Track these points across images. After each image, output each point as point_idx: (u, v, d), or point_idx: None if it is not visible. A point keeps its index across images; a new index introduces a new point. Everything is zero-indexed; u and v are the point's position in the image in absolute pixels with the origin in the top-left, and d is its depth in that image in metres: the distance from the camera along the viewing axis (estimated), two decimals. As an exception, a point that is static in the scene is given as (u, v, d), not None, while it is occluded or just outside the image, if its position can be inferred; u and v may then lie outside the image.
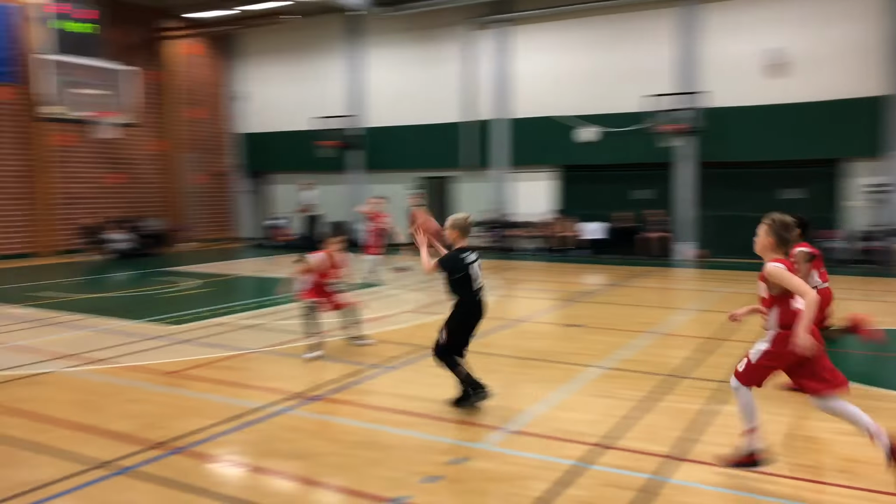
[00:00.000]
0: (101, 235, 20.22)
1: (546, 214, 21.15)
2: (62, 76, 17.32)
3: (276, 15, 22.17)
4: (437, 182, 23.37)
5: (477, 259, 6.37)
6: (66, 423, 5.92)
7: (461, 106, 22.18)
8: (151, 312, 11.10)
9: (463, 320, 6.32)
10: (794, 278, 4.50)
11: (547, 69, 21.10)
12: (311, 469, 4.97)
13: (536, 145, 21.27)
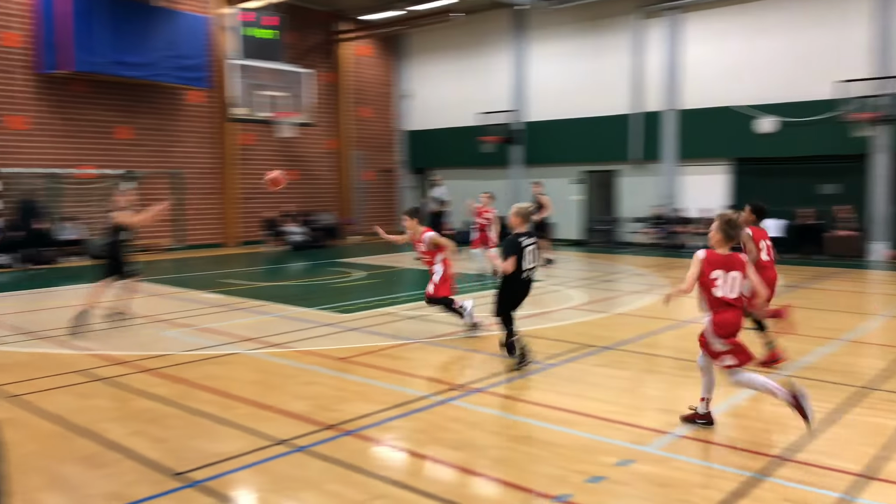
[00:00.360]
0: (278, 228, 21.68)
1: (717, 210, 20.06)
2: (247, 79, 18.72)
3: (443, 13, 22.63)
4: (601, 176, 22.88)
5: (532, 244, 7.28)
6: (249, 401, 6.38)
7: (627, 98, 21.54)
8: (323, 301, 11.73)
9: (510, 294, 7.37)
10: (692, 265, 5.52)
11: (720, 57, 19.99)
12: (471, 460, 5.01)
13: (708, 137, 20.22)
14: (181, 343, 8.75)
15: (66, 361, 7.86)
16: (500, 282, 7.38)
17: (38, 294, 13.13)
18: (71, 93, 18.43)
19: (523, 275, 7.22)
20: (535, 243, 7.28)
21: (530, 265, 7.23)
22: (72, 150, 18.54)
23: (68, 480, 4.70)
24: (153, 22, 18.81)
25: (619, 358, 7.93)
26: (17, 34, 17.40)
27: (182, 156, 20.87)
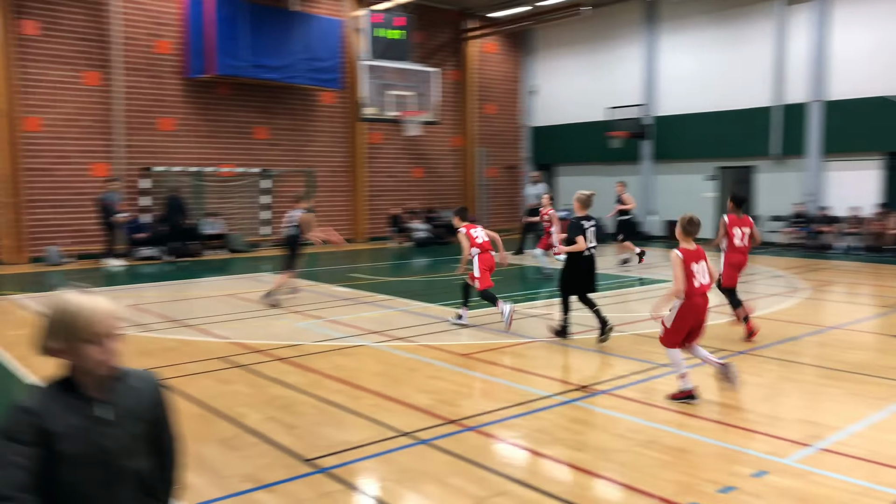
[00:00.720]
0: (403, 225, 22.15)
1: (869, 208, 18.60)
2: (377, 80, 19.24)
3: (573, 7, 22.28)
4: (736, 172, 21.80)
5: (593, 225, 8.49)
6: (374, 392, 6.55)
7: (767, 89, 20.36)
8: (446, 297, 11.87)
9: (575, 271, 8.48)
10: (675, 268, 6.23)
11: (873, 43, 18.50)
12: (593, 462, 4.90)
13: (858, 129, 18.78)
14: (312, 334, 9.12)
15: (208, 348, 8.38)
16: (566, 261, 8.53)
17: (183, 285, 14.08)
18: (215, 95, 19.64)
19: (586, 252, 8.40)
20: (595, 225, 8.53)
21: (592, 244, 8.41)
22: (214, 150, 19.76)
23: (209, 461, 5.00)
24: (290, 26, 19.71)
25: (755, 364, 7.52)
26: (168, 42, 18.74)
27: (315, 155, 21.75)
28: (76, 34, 17.35)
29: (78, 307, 2.08)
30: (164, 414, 2.37)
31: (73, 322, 2.06)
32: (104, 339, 2.08)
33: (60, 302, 2.09)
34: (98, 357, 2.08)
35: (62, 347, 2.07)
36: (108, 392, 2.16)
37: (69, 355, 2.09)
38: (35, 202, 17.03)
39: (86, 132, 17.63)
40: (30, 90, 16.79)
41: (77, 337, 2.06)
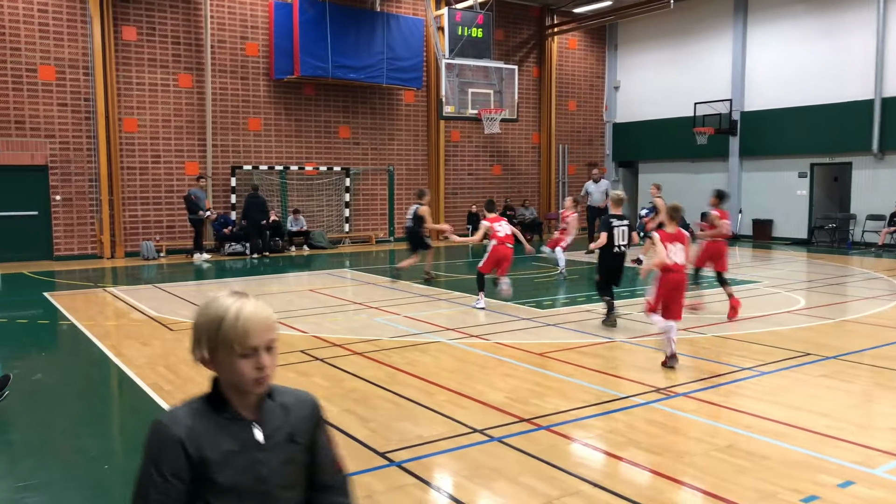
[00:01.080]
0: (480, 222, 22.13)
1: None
2: (457, 78, 19.32)
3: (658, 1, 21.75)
4: (829, 169, 20.85)
5: (623, 224, 9.11)
6: (448, 388, 6.60)
7: (868, 82, 19.30)
8: (522, 295, 11.82)
9: (605, 265, 9.18)
10: (657, 244, 7.53)
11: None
12: (670, 466, 4.80)
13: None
14: (389, 329, 9.26)
15: (289, 341, 8.63)
16: (598, 256, 9.31)
17: (268, 279, 14.54)
18: (300, 96, 20.17)
19: (615, 249, 9.08)
20: (626, 224, 9.14)
21: (622, 242, 9.07)
22: (298, 149, 20.30)
23: (287, 449, 5.15)
24: (373, 26, 20.05)
25: (845, 369, 7.18)
26: (256, 44, 19.37)
27: (395, 153, 22.05)
28: (171, 38, 18.16)
29: (230, 314, 1.78)
30: (324, 438, 2.07)
31: (224, 331, 1.77)
32: (259, 352, 1.79)
33: (212, 307, 1.81)
34: (251, 372, 1.79)
35: (211, 358, 1.81)
36: (260, 412, 1.86)
37: (218, 368, 1.82)
38: (131, 199, 17.94)
39: (178, 132, 18.44)
40: (128, 93, 17.69)
41: (228, 348, 1.77)
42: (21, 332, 9.45)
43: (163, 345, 8.45)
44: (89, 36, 17.00)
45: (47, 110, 16.74)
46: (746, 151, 22.19)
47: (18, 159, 16.49)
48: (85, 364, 7.95)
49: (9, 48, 16.17)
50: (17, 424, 5.83)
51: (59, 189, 17.05)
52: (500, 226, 10.96)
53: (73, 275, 14.75)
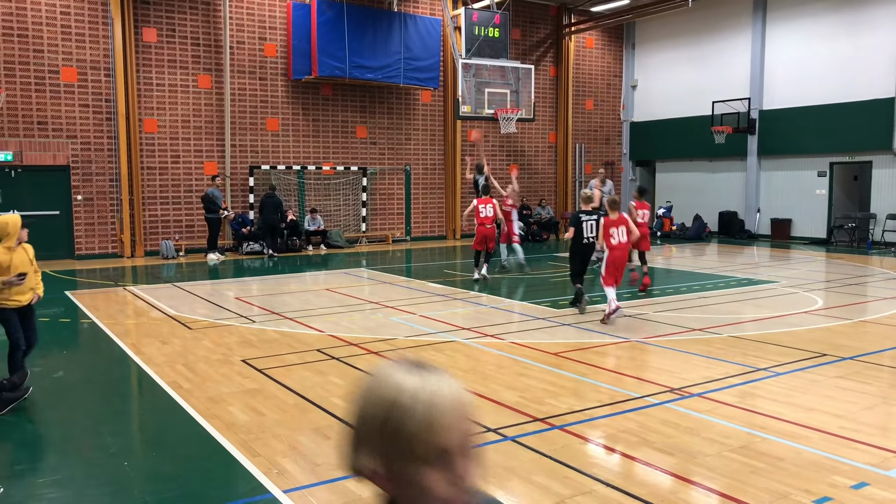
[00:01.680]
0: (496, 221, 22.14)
1: None
2: (473, 78, 19.34)
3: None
4: (849, 168, 20.64)
5: (592, 219, 10.08)
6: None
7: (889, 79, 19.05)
8: (538, 295, 11.84)
9: (574, 257, 10.35)
10: (601, 229, 9.64)
11: None
12: (684, 467, 4.81)
13: None
14: (405, 329, 9.32)
15: (306, 340, 8.72)
16: (570, 246, 10.43)
17: (285, 278, 14.66)
18: (317, 96, 20.29)
19: (584, 240, 10.12)
20: (594, 219, 10.07)
21: (590, 234, 10.07)
22: (316, 149, 20.42)
23: (302, 448, 5.23)
24: (390, 27, 20.12)
25: (862, 370, 7.14)
26: (274, 45, 19.51)
27: (412, 152, 22.11)
28: (191, 40, 18.34)
29: (412, 401, 1.14)
30: None
31: (402, 428, 1.13)
32: (454, 458, 1.15)
33: (382, 390, 1.17)
34: (443, 488, 1.14)
35: (381, 470, 1.16)
36: None
37: (392, 483, 1.17)
38: (151, 199, 18.15)
39: (198, 132, 18.62)
40: (148, 93, 17.90)
41: (407, 454, 1.14)
42: (43, 330, 9.58)
43: (182, 343, 8.57)
44: (110, 38, 17.22)
45: (69, 111, 16.98)
46: (765, 150, 22.02)
47: (41, 160, 16.74)
48: (105, 362, 8.07)
49: (31, 50, 16.42)
50: (40, 421, 5.95)
51: (80, 189, 17.29)
52: (484, 207, 12.86)
53: (94, 273, 14.96)
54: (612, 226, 9.49)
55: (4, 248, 6.15)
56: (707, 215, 23.32)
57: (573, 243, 10.26)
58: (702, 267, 15.74)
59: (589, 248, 10.24)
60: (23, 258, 6.28)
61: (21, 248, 6.29)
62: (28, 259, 6.38)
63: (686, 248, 20.15)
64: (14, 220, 6.25)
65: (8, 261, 6.14)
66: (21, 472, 4.87)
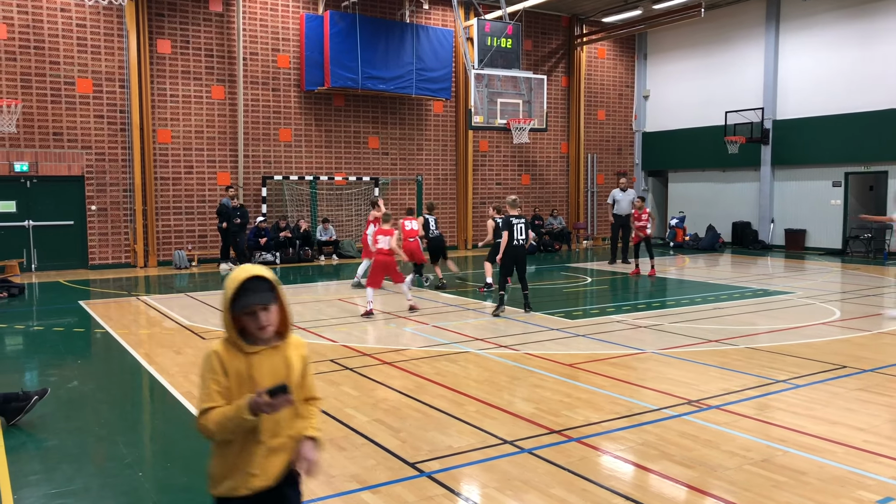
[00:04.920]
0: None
1: None
2: (485, 88, 19.36)
3: (692, 8, 21.58)
4: (865, 178, 20.47)
5: (520, 222, 10.87)
6: (477, 399, 6.59)
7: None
8: (551, 306, 11.77)
9: (508, 256, 10.83)
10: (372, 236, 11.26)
11: None
12: (703, 480, 4.73)
13: None
14: (418, 339, 9.27)
15: (319, 350, 8.69)
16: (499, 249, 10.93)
17: (299, 288, 14.65)
18: (330, 107, 20.37)
19: (515, 242, 10.76)
20: (522, 221, 10.91)
21: (520, 236, 10.81)
22: (328, 159, 20.47)
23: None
24: (402, 38, 20.19)
25: (883, 382, 7.03)
26: (287, 56, 19.61)
27: (423, 163, 22.13)
28: (205, 51, 18.46)
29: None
30: None
31: None
32: None
33: None
34: None
35: None
36: None
37: None
38: (164, 209, 18.23)
39: (211, 143, 18.71)
40: (162, 104, 18.01)
41: None
42: (57, 340, 9.63)
43: (195, 353, 8.55)
44: (125, 49, 17.36)
45: (84, 122, 17.11)
46: (778, 160, 21.90)
47: (56, 170, 16.86)
48: (119, 372, 8.07)
49: (48, 62, 16.57)
50: (55, 431, 5.94)
51: (94, 199, 17.39)
52: (409, 223, 13.61)
53: (108, 283, 15.01)
54: (382, 235, 10.78)
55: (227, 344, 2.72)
56: (720, 226, 23.20)
57: (507, 247, 10.79)
58: (716, 277, 15.61)
59: (521, 248, 10.89)
60: (275, 364, 2.78)
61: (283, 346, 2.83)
62: (287, 363, 2.82)
63: (699, 258, 20.02)
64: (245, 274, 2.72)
65: (243, 368, 2.72)
66: (36, 481, 4.85)
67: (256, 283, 2.61)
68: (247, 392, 2.60)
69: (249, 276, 2.60)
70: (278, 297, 2.68)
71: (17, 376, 7.74)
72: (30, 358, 8.82)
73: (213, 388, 2.62)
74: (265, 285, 2.63)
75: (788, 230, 21.64)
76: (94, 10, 16.95)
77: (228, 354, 2.66)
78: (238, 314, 2.61)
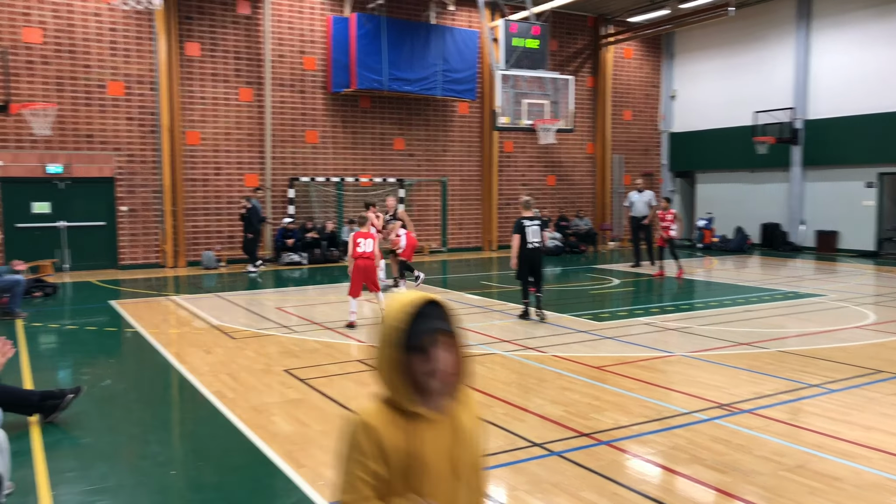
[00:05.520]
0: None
1: None
2: (511, 89, 19.32)
3: (717, 8, 21.35)
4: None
5: (534, 224, 10.34)
6: (505, 401, 6.57)
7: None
8: (578, 308, 11.71)
9: (520, 262, 10.35)
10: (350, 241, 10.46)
11: None
12: (735, 485, 4.68)
13: None
14: (445, 341, 9.25)
15: (346, 351, 8.73)
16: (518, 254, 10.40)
17: (326, 289, 14.73)
18: (356, 109, 20.45)
19: (528, 245, 10.26)
20: (537, 224, 10.38)
21: (534, 239, 10.28)
22: (354, 161, 20.56)
23: (348, 459, 5.20)
24: (428, 39, 20.21)
25: (919, 388, 6.90)
26: (314, 58, 19.73)
27: (448, 164, 22.13)
28: (233, 54, 18.64)
29: None
30: None
31: None
32: None
33: None
34: None
35: None
36: None
37: None
38: (192, 210, 18.43)
39: (239, 145, 18.88)
40: (191, 107, 18.22)
41: None
42: (90, 339, 9.78)
43: (225, 353, 8.64)
44: (155, 52, 17.58)
45: (115, 124, 17.35)
46: (809, 161, 21.57)
47: (88, 172, 17.12)
48: (150, 371, 8.17)
49: (81, 65, 16.84)
50: (90, 429, 6.03)
51: (124, 200, 17.63)
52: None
53: (138, 283, 15.21)
54: (362, 238, 10.21)
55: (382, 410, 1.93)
56: (749, 227, 22.92)
57: (520, 250, 10.31)
58: (745, 280, 15.42)
59: (535, 252, 10.31)
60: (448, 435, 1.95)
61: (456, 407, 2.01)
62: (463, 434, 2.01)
63: (728, 260, 19.79)
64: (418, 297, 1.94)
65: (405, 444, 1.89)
66: (73, 478, 4.93)
67: (434, 310, 1.89)
68: (414, 479, 1.83)
69: (425, 300, 1.88)
70: (458, 335, 1.91)
71: (52, 374, 7.87)
72: (64, 356, 8.97)
73: (358, 477, 1.82)
74: (442, 312, 1.90)
75: (819, 231, 21.31)
76: (126, 15, 17.19)
77: (384, 425, 1.85)
78: (412, 351, 1.84)
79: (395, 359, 1.86)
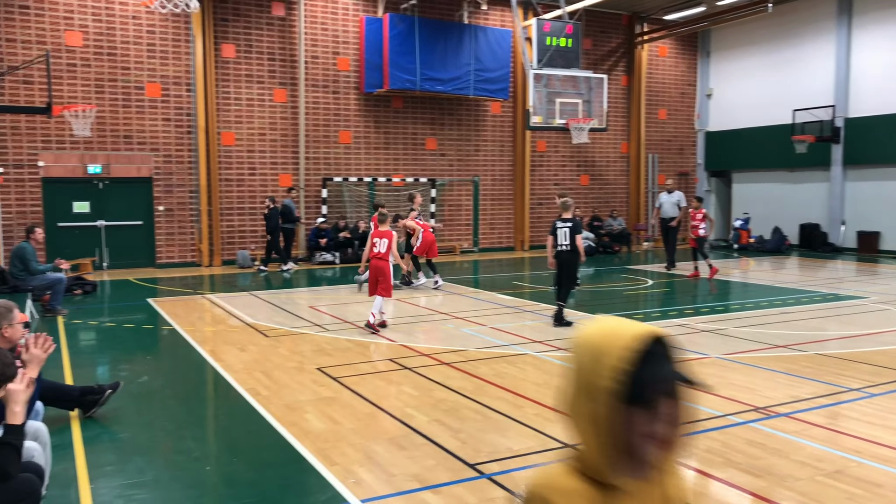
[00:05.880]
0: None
1: None
2: (544, 88, 19.24)
3: (754, 5, 21.01)
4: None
5: (566, 227, 10.04)
6: (536, 401, 6.55)
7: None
8: (611, 308, 11.61)
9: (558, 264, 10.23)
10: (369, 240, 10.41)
11: None
12: (771, 490, 4.59)
13: None
14: (476, 340, 9.27)
15: (378, 350, 8.77)
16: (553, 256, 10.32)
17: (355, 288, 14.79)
18: (389, 109, 20.54)
19: (557, 247, 10.10)
20: (568, 226, 10.05)
21: (564, 242, 10.02)
22: (387, 161, 20.65)
23: (378, 458, 5.23)
24: (461, 39, 20.21)
25: (964, 393, 6.71)
26: (347, 59, 19.87)
27: (481, 164, 22.11)
28: (267, 55, 18.86)
29: None
30: None
31: None
32: None
33: None
34: None
35: None
36: None
37: None
38: (228, 210, 18.68)
39: (273, 145, 19.09)
40: (227, 107, 18.47)
41: None
42: (128, 337, 9.97)
43: (259, 351, 8.74)
44: (192, 54, 17.86)
45: (153, 125, 17.67)
46: (850, 160, 21.10)
47: (126, 172, 17.46)
48: (186, 368, 8.31)
49: (119, 67, 17.18)
50: (127, 424, 6.14)
51: (161, 200, 17.93)
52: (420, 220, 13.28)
53: (174, 282, 15.46)
54: (378, 237, 10.02)
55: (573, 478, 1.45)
56: (787, 228, 22.50)
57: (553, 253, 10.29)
58: (782, 281, 15.15)
59: (566, 255, 10.08)
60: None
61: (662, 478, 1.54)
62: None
63: (764, 261, 19.46)
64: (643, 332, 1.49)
65: None
66: (110, 472, 5.04)
67: (663, 349, 1.44)
68: None
69: (652, 335, 1.42)
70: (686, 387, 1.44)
71: (91, 370, 8.05)
72: (102, 353, 9.16)
73: None
74: (672, 353, 1.46)
75: (861, 232, 20.84)
76: (163, 17, 17.50)
77: (569, 498, 1.40)
78: (635, 404, 1.37)
79: (607, 414, 1.37)
